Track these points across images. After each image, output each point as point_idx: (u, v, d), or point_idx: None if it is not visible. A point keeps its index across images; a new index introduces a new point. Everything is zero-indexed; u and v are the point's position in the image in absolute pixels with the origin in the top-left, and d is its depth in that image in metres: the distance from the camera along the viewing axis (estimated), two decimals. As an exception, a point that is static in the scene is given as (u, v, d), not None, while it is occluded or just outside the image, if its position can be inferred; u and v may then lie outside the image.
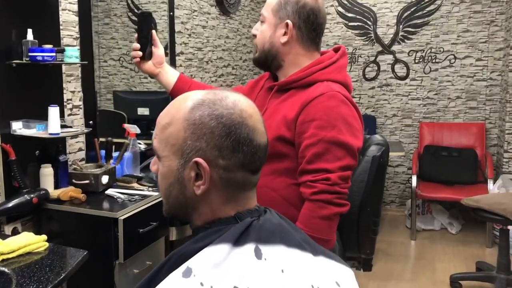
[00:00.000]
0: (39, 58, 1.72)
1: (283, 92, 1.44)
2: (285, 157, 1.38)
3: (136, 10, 3.09)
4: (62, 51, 1.85)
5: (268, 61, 1.46)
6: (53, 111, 1.80)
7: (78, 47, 1.98)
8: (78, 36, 2.13)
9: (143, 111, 3.18)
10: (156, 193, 2.04)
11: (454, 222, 3.98)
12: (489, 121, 4.11)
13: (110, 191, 2.03)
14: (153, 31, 1.57)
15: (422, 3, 4.17)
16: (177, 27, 2.97)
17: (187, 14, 3.09)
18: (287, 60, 1.44)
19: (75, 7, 2.10)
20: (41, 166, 1.93)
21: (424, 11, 4.18)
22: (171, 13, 2.89)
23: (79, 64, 2.05)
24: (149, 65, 1.59)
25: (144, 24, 1.55)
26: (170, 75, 1.64)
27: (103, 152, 2.27)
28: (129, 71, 3.18)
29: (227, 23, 3.73)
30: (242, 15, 4.03)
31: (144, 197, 2.01)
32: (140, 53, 1.54)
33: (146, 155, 2.73)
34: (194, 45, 3.21)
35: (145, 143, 2.81)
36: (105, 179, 2.06)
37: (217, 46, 3.57)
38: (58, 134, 1.82)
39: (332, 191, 1.30)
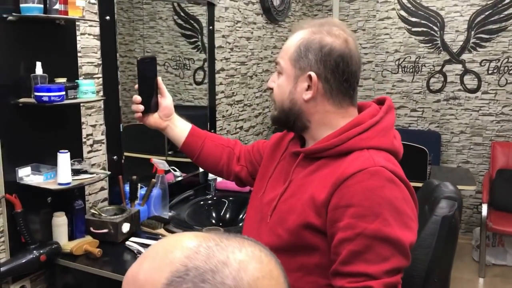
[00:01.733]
0: (45, 99, 1.48)
1: (312, 161, 1.11)
2: (315, 250, 1.05)
3: (182, 13, 2.85)
4: (75, 87, 1.60)
5: (290, 121, 1.15)
6: (63, 158, 1.56)
7: (93, 81, 1.72)
8: (100, 62, 1.89)
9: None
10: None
11: (531, 257, 3.49)
12: None
13: (131, 242, 1.77)
14: (159, 78, 1.30)
15: (499, 6, 3.65)
16: (218, 42, 2.68)
17: (229, 27, 2.79)
18: (314, 120, 1.13)
19: (96, 30, 1.85)
20: (53, 215, 1.70)
21: (501, 15, 3.65)
22: (211, 27, 2.60)
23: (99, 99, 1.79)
24: (154, 118, 1.34)
25: (146, 71, 1.29)
26: (180, 129, 1.38)
27: (127, 187, 2.03)
28: (174, 77, 2.97)
29: (275, 32, 3.40)
30: (293, 21, 3.69)
31: (168, 251, 1.73)
32: (142, 107, 1.29)
33: (180, 185, 2.48)
34: (237, 59, 2.92)
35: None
36: (126, 227, 1.81)
37: (263, 58, 3.25)
38: (68, 184, 1.57)
39: None
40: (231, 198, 2.41)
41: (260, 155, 1.39)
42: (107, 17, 1.88)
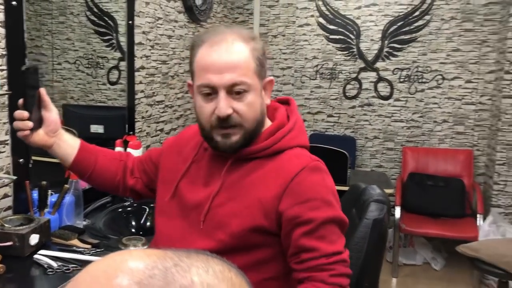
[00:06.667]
0: None
1: (243, 162, 1.12)
2: (256, 248, 1.08)
3: (95, 9, 2.65)
4: (-25, 78, 1.39)
5: (257, 134, 1.15)
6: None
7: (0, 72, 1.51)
8: (5, 53, 1.66)
9: (96, 128, 2.79)
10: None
11: (437, 256, 3.68)
12: (477, 148, 3.83)
13: (40, 256, 1.57)
14: (42, 90, 1.17)
15: (410, 17, 3.84)
16: (138, 38, 2.52)
17: (150, 23, 2.64)
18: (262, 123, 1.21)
19: (0, 16, 1.63)
20: None
21: (412, 27, 3.85)
22: (130, 22, 2.43)
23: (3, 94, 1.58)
24: (39, 135, 1.21)
25: (31, 82, 1.16)
26: (68, 145, 1.27)
27: (36, 194, 1.81)
28: (85, 76, 2.76)
29: (197, 32, 3.29)
30: (214, 22, 3.60)
31: (84, 264, 1.56)
32: (31, 124, 1.15)
33: (94, 191, 2.27)
34: (158, 57, 2.77)
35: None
36: (34, 239, 1.60)
37: (185, 58, 3.13)
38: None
39: (348, 275, 1.09)
40: (152, 205, 2.25)
41: (153, 164, 1.33)
42: (14, 2, 1.66)
